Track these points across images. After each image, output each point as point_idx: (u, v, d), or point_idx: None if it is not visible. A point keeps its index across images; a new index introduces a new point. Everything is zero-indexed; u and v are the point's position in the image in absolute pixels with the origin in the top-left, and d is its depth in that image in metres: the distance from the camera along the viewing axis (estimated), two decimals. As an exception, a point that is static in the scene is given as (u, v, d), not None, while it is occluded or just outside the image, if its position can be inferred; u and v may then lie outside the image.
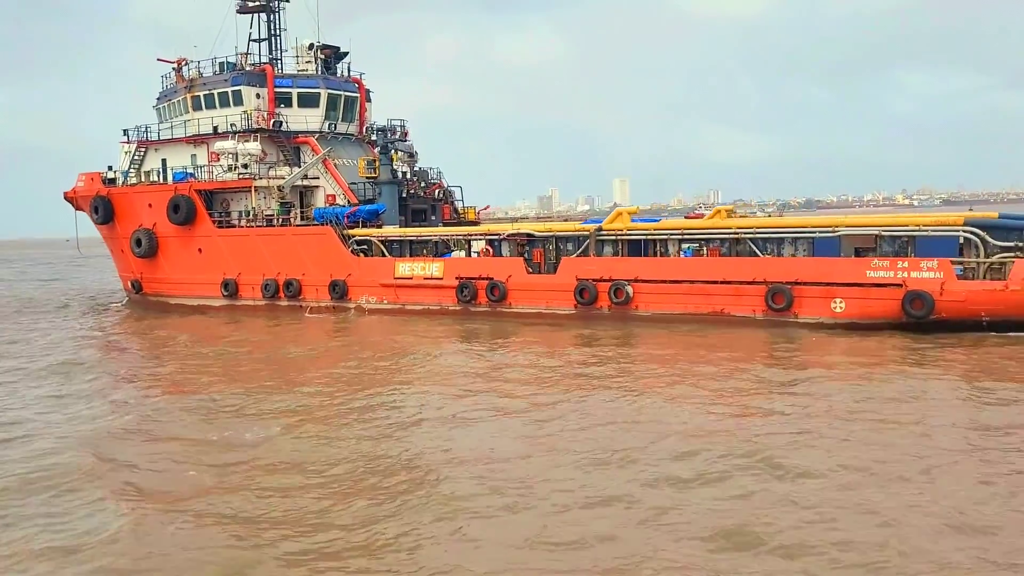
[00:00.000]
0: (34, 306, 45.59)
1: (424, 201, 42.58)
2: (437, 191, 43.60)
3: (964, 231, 25.87)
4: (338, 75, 45.80)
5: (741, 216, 43.71)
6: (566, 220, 53.52)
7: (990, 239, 25.55)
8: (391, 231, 37.33)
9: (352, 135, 44.41)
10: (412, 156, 46.13)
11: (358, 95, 45.04)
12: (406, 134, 46.89)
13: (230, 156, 40.59)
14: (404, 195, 40.98)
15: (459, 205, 45.67)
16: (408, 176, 43.21)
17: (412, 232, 37.04)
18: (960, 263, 25.49)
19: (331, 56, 45.74)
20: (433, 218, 42.83)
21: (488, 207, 50.19)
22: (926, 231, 26.50)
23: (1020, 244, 25.36)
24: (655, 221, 34.64)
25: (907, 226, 27.15)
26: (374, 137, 44.47)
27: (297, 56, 44.20)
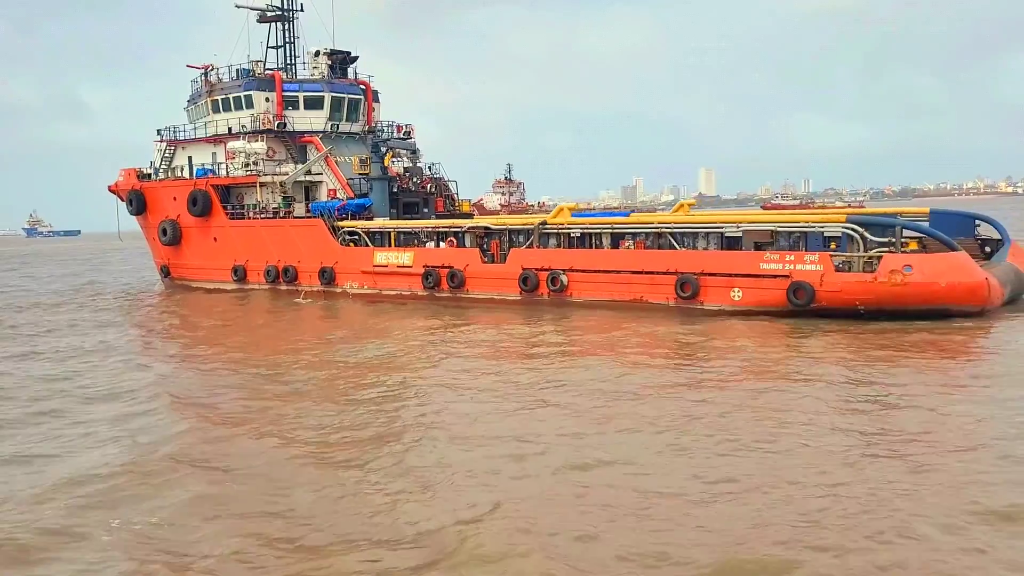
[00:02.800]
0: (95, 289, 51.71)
1: (415, 195, 46.42)
2: (429, 186, 47.37)
3: (845, 228, 28.16)
4: (350, 77, 50.19)
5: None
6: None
7: (868, 235, 27.79)
8: (373, 223, 41.31)
9: (356, 134, 48.59)
10: (415, 153, 50.23)
11: (361, 97, 49.19)
12: (409, 133, 51.11)
13: (242, 155, 45.36)
14: (395, 190, 44.90)
15: (457, 198, 49.55)
16: (404, 172, 47.23)
17: (391, 224, 40.91)
18: (839, 256, 27.85)
19: (342, 61, 50.06)
20: (426, 211, 46.60)
21: (480, 199, 53.61)
22: (814, 227, 28.94)
23: (893, 240, 27.55)
24: (597, 216, 37.64)
25: (799, 223, 29.62)
26: (383, 136, 48.79)
27: (303, 62, 48.74)
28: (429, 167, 50.12)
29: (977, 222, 34.14)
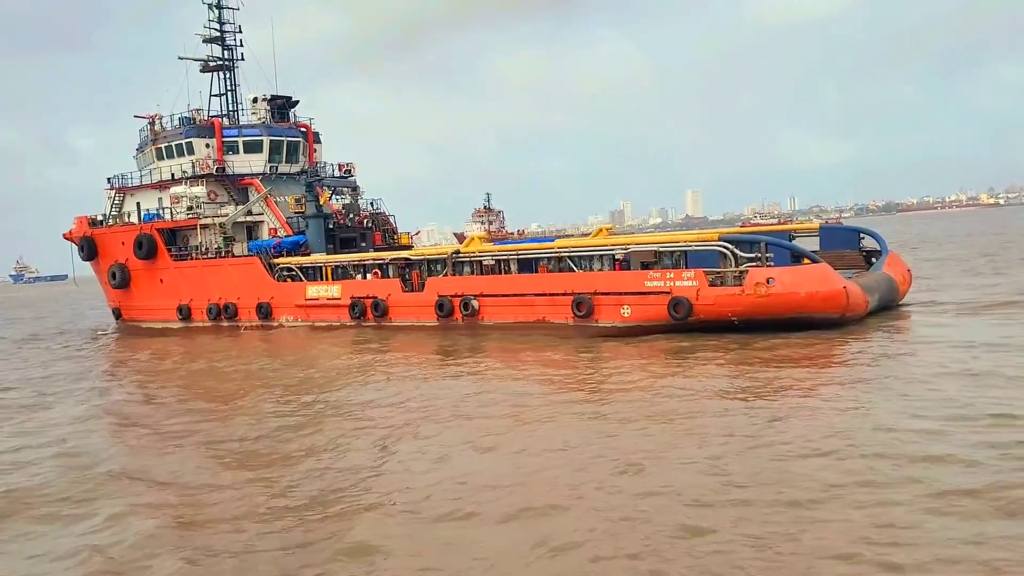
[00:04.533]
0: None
1: (352, 230, 48.59)
2: (366, 221, 49.57)
3: (718, 246, 30.35)
4: (291, 121, 52.62)
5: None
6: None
7: (739, 252, 29.99)
8: (305, 259, 43.40)
9: (296, 174, 50.85)
10: (355, 190, 52.61)
11: (301, 139, 51.55)
12: (350, 172, 53.45)
13: (184, 199, 47.56)
14: (331, 226, 47.05)
15: (398, 231, 51.74)
16: (342, 209, 49.50)
17: (321, 259, 42.99)
18: (712, 273, 29.98)
19: (281, 105, 52.56)
20: (363, 245, 48.68)
21: (418, 232, 55.82)
22: (691, 246, 31.13)
23: (759, 255, 29.73)
24: (507, 244, 39.86)
25: (679, 243, 31.83)
26: (323, 175, 51.12)
27: (243, 108, 51.17)
28: (371, 203, 52.48)
29: (861, 235, 36.50)
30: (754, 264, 29.43)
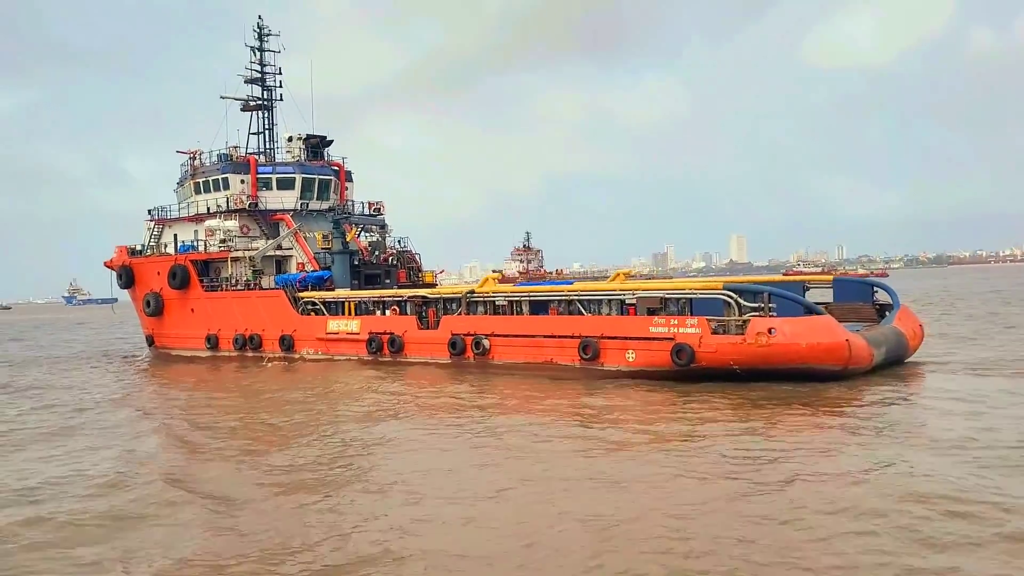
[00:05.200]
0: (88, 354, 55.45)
1: (377, 267, 49.77)
2: (390, 258, 50.74)
3: (722, 294, 30.64)
4: (324, 160, 54.35)
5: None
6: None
7: (743, 301, 30.24)
8: (328, 293, 44.57)
9: (326, 211, 52.36)
10: (383, 228, 53.98)
11: (332, 177, 53.14)
12: (379, 210, 54.86)
13: (217, 232, 49.27)
14: (356, 262, 48.28)
15: (423, 269, 52.82)
16: (369, 246, 50.86)
17: (344, 294, 44.10)
18: (715, 321, 30.25)
19: (315, 144, 54.37)
20: (387, 281, 49.82)
21: (443, 270, 56.81)
22: (697, 294, 31.46)
23: (761, 305, 29.94)
24: (529, 285, 40.45)
25: (684, 290, 32.18)
26: (353, 212, 52.63)
27: (278, 146, 53.13)
28: (398, 240, 53.76)
29: (875, 289, 36.48)
30: (757, 314, 29.65)
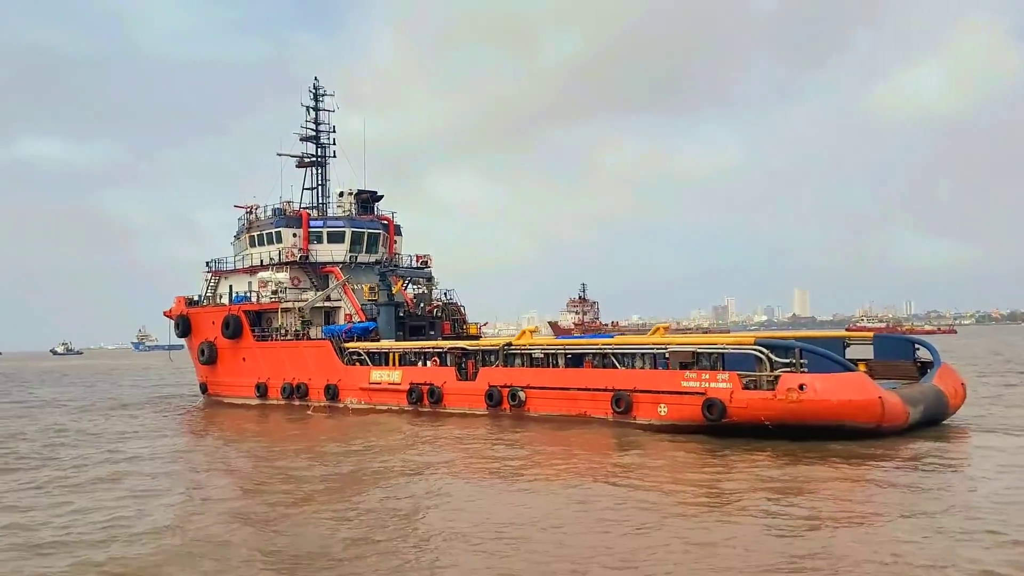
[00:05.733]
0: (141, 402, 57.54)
1: (422, 319, 50.82)
2: (434, 311, 51.78)
3: (754, 350, 30.67)
4: (374, 214, 56.11)
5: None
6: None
7: (774, 356, 30.22)
8: (372, 344, 45.67)
9: (374, 264, 53.80)
10: (429, 280, 55.14)
11: (381, 231, 54.76)
12: (426, 263, 56.17)
13: (269, 283, 51.07)
14: (401, 314, 49.42)
15: (467, 321, 53.72)
16: (415, 298, 52.07)
17: (386, 345, 45.17)
18: (746, 376, 30.24)
19: (366, 200, 56.22)
20: (432, 333, 50.77)
21: (487, 323, 57.61)
22: (728, 349, 31.53)
23: (793, 361, 29.86)
24: (579, 338, 40.86)
25: (716, 344, 32.28)
26: (401, 265, 54.09)
27: (330, 201, 55.19)
28: (444, 293, 54.85)
29: (916, 346, 36.00)
30: (788, 370, 29.59)
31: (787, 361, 29.94)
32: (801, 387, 28.56)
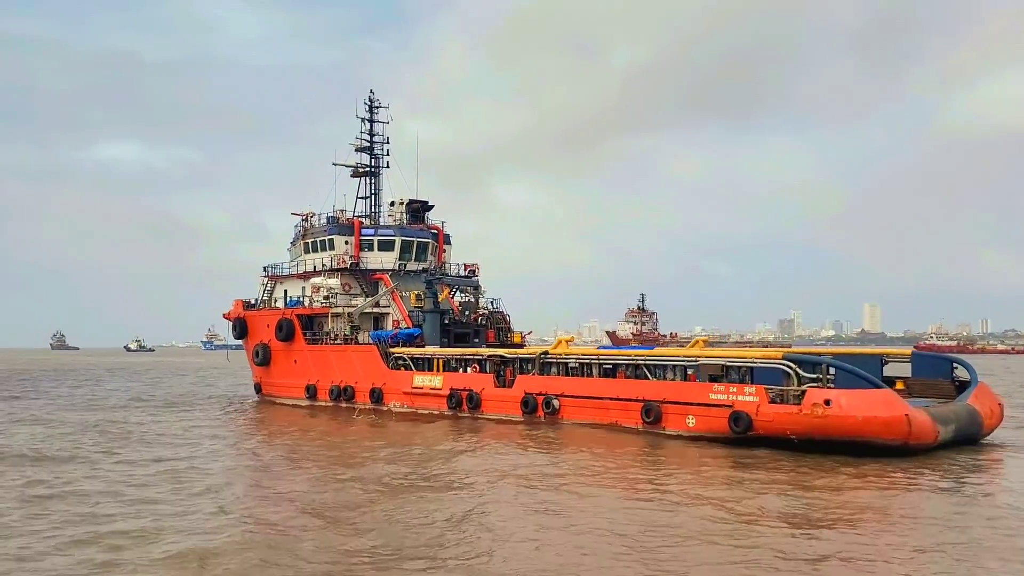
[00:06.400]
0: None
1: (467, 327, 51.98)
2: (479, 319, 52.91)
3: (782, 364, 30.92)
4: (424, 223, 57.63)
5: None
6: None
7: (801, 371, 30.44)
8: (416, 350, 46.98)
9: (423, 272, 55.19)
10: (476, 289, 56.36)
11: (430, 240, 56.18)
12: (474, 272, 57.43)
13: (321, 289, 52.93)
14: (447, 321, 50.67)
15: (512, 330, 54.73)
16: (461, 306, 53.33)
17: (429, 351, 46.41)
18: (773, 390, 30.50)
19: (416, 209, 57.76)
20: (476, 340, 51.83)
21: (531, 332, 58.43)
22: (757, 363, 31.83)
23: (819, 376, 30.02)
24: (610, 349, 41.55)
25: (745, 358, 32.58)
26: (449, 274, 55.48)
27: (382, 210, 56.90)
28: (492, 302, 55.98)
29: (954, 365, 35.66)
30: (815, 384, 29.79)
31: (815, 376, 30.15)
32: (827, 402, 28.75)
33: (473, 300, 54.84)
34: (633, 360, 36.23)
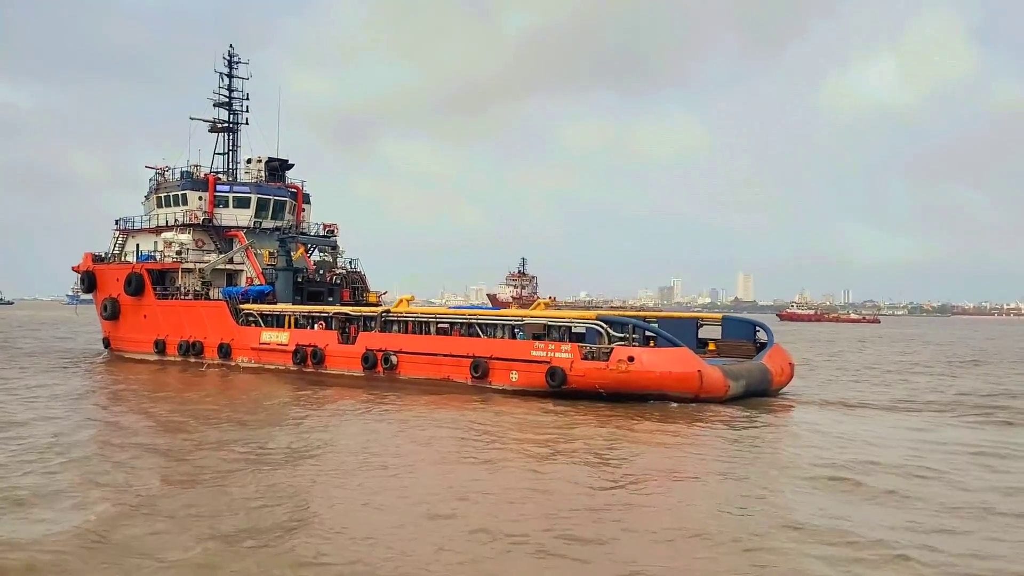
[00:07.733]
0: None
1: (321, 285, 52.76)
2: (334, 278, 53.77)
3: (595, 324, 33.53)
4: (283, 182, 57.64)
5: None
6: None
7: (612, 331, 33.11)
8: (265, 307, 47.52)
9: (278, 230, 55.36)
10: (335, 249, 57.07)
11: (288, 199, 56.36)
12: (333, 232, 58.08)
13: (173, 244, 52.50)
14: (300, 279, 51.28)
15: (368, 290, 55.82)
16: (316, 265, 54.01)
17: (277, 308, 47.02)
18: (586, 348, 33.07)
19: (275, 167, 57.67)
20: (330, 299, 52.62)
21: (386, 292, 59.70)
22: (574, 323, 34.37)
23: (626, 335, 32.79)
24: (456, 309, 43.34)
25: (564, 318, 35.10)
26: (296, 233, 55.78)
27: (235, 166, 56.66)
28: (350, 262, 56.84)
29: (757, 328, 39.29)
30: (622, 343, 32.48)
31: (623, 336, 32.83)
32: (630, 359, 31.48)
33: (331, 259, 55.57)
34: (467, 319, 38.18)
